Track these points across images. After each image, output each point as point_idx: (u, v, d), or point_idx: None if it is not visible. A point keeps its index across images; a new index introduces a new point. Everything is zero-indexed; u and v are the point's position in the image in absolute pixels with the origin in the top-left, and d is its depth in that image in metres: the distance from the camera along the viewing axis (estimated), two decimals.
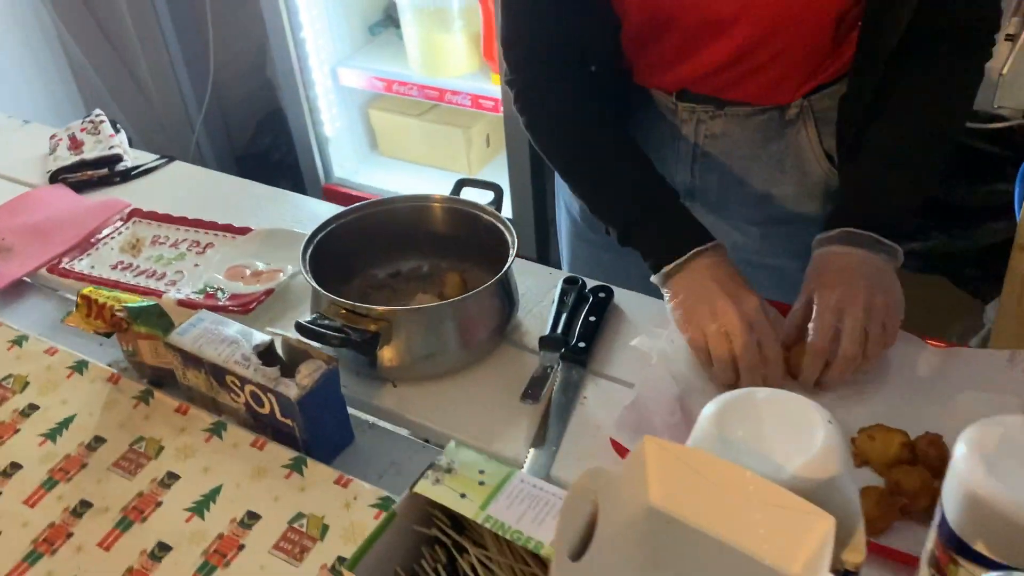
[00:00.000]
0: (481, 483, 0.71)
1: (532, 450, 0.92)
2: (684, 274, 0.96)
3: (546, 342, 1.04)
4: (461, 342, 1.00)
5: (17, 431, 0.94)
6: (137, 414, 0.95)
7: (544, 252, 2.35)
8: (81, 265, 1.20)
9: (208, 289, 1.14)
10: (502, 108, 2.20)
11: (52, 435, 0.93)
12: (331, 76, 2.41)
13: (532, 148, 2.10)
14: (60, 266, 1.19)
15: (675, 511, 0.60)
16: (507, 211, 2.26)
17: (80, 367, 1.01)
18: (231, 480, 0.87)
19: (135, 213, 1.30)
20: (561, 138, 1.07)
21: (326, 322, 0.96)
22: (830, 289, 0.90)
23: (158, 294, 1.12)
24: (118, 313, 0.94)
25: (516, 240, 1.05)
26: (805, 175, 1.10)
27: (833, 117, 1.05)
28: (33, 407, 0.96)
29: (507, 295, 1.05)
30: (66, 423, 0.95)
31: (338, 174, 2.54)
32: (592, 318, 1.07)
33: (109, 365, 1.04)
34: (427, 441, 0.97)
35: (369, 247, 1.14)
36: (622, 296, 1.12)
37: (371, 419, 0.99)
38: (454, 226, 1.15)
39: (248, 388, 0.91)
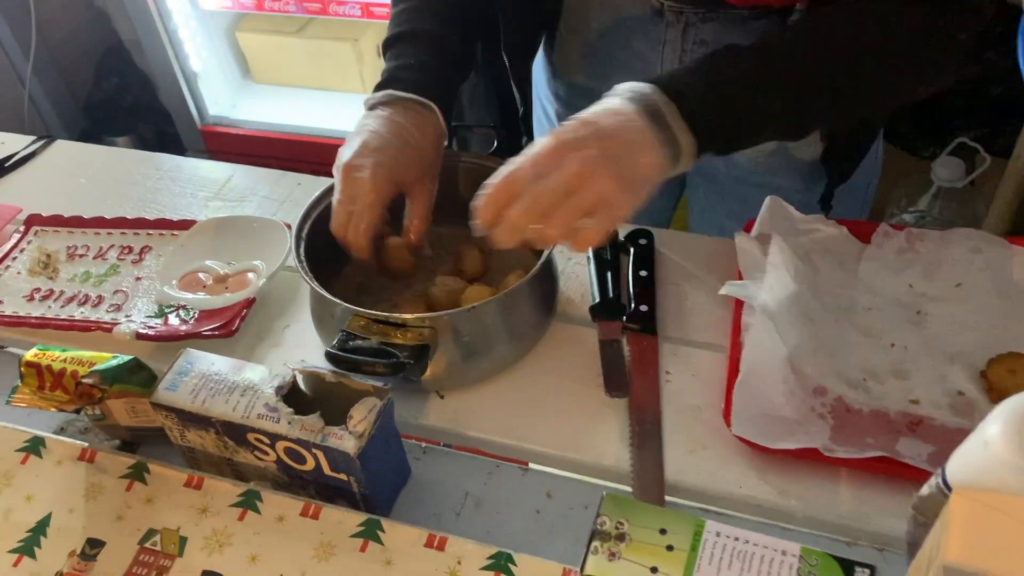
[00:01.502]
0: (669, 547, 0.56)
1: (632, 450, 0.77)
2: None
3: (601, 311, 0.89)
4: (512, 334, 0.83)
5: None
6: (134, 499, 0.74)
7: None
8: None
9: (166, 310, 0.91)
10: None
11: (28, 548, 0.72)
12: (188, 1, 2.07)
13: None
14: None
15: (977, 566, 0.47)
16: None
17: (35, 446, 0.78)
18: (293, 567, 0.69)
19: (33, 220, 1.03)
20: None
21: (359, 343, 0.77)
22: (555, 137, 0.69)
23: (104, 328, 0.88)
24: (86, 380, 0.71)
25: None
26: None
27: None
28: None
29: (550, 268, 0.88)
30: (41, 528, 0.73)
31: (214, 112, 2.23)
32: (643, 272, 0.92)
33: (61, 431, 0.82)
34: (500, 459, 0.81)
35: None
36: (662, 238, 0.97)
37: (422, 443, 0.82)
38: (454, 187, 0.95)
39: (282, 445, 0.72)
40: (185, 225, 1.00)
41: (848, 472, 0.74)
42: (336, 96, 2.23)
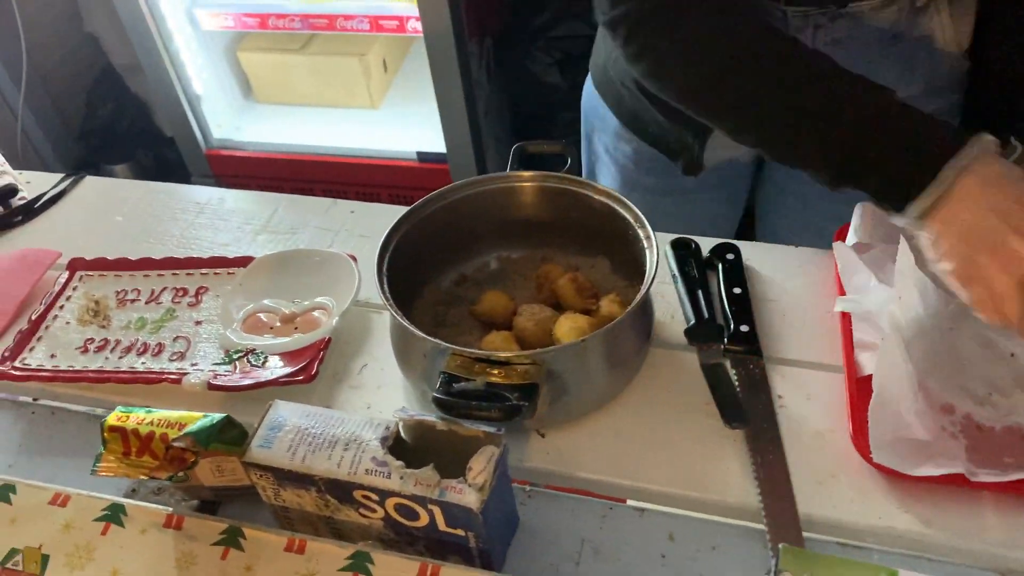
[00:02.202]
0: None
1: (759, 484, 0.72)
2: (949, 205, 0.68)
3: (699, 334, 0.84)
4: (615, 363, 0.78)
5: None
6: (232, 568, 0.68)
7: None
8: (35, 357, 0.87)
9: (234, 356, 0.85)
10: (408, 25, 1.89)
11: None
12: (189, 21, 2.00)
13: (463, 67, 1.84)
14: (7, 364, 0.86)
15: None
16: (438, 146, 1.98)
17: (115, 514, 0.72)
18: None
19: (76, 265, 0.97)
20: (717, 70, 0.76)
21: (463, 385, 0.71)
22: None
23: (171, 379, 0.82)
24: (177, 444, 0.65)
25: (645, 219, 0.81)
26: (935, 68, 0.92)
27: None
28: None
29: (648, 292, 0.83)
30: None
31: (218, 135, 2.16)
32: (736, 289, 0.87)
33: (133, 492, 0.76)
34: (611, 499, 0.75)
35: (430, 252, 0.88)
36: (748, 251, 0.92)
37: (526, 486, 0.77)
38: (526, 208, 0.90)
39: (393, 502, 0.66)
40: (242, 262, 0.94)
41: (992, 496, 0.70)
42: (344, 113, 2.17)
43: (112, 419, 0.67)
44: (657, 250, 0.77)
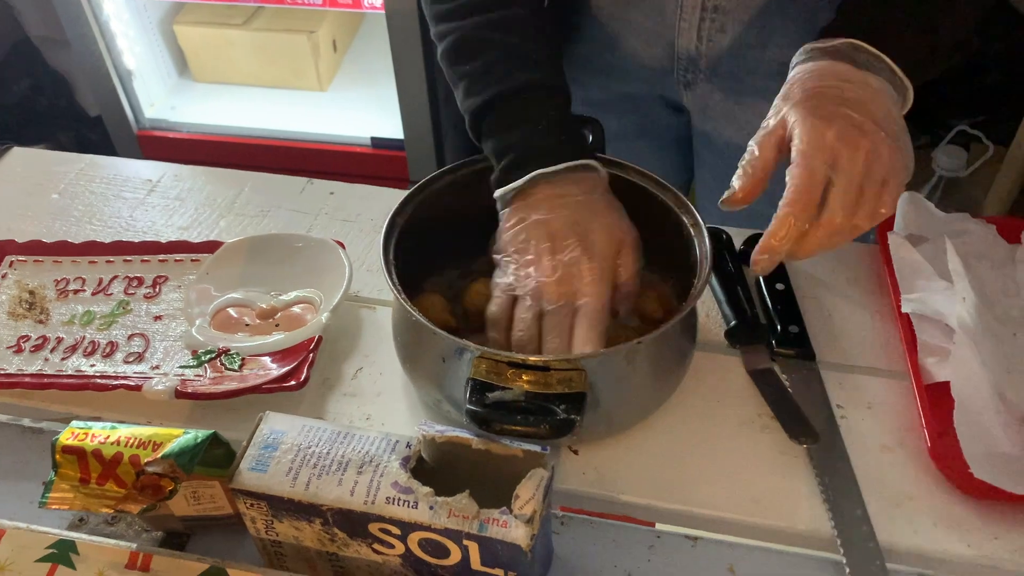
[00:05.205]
0: None
1: (830, 508, 0.63)
2: (532, 193, 0.69)
3: (742, 336, 0.75)
4: (660, 371, 0.67)
5: None
6: None
7: None
8: None
9: (205, 358, 0.72)
10: (365, 0, 1.75)
11: None
12: None
13: (426, 48, 1.71)
14: None
15: None
16: (394, 132, 1.85)
17: (63, 552, 0.58)
18: None
19: (6, 249, 0.82)
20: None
21: (498, 395, 0.60)
22: (824, 121, 0.60)
23: (130, 384, 0.68)
24: (152, 469, 0.52)
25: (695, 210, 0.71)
26: None
27: None
28: None
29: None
30: None
31: (150, 115, 1.98)
32: (779, 285, 0.78)
33: (80, 523, 0.63)
34: (662, 528, 0.65)
35: (435, 239, 0.76)
36: None
37: (559, 511, 0.66)
38: None
39: (418, 536, 0.55)
40: (208, 248, 0.80)
41: None
42: (289, 94, 2.02)
43: (66, 437, 0.54)
44: (708, 240, 0.68)
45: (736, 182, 0.62)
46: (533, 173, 0.69)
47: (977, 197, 1.91)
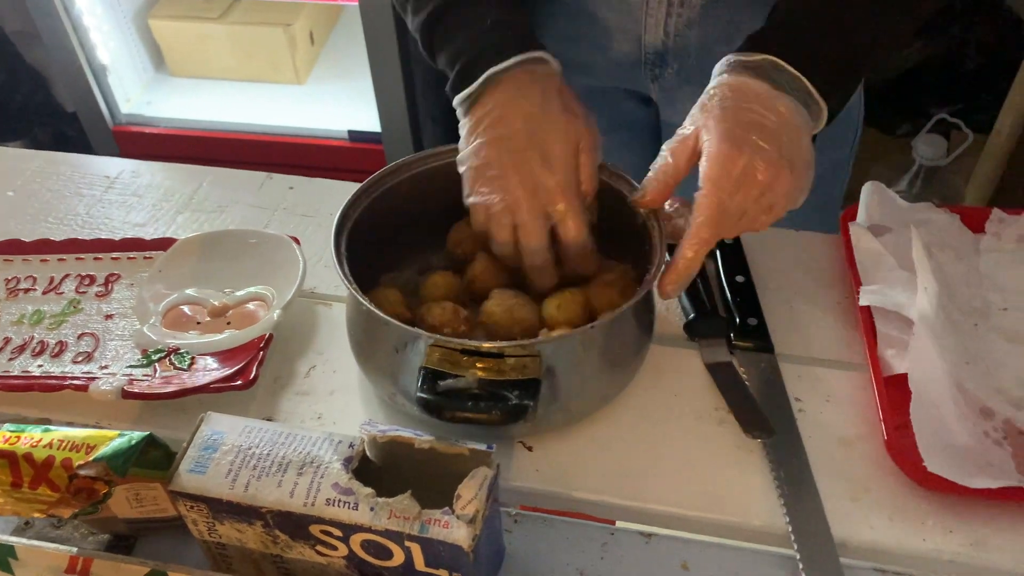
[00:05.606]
0: None
1: (785, 502, 0.62)
2: (486, 101, 0.68)
3: (701, 328, 0.74)
4: (614, 361, 0.67)
5: None
6: None
7: None
8: None
9: (154, 357, 0.70)
10: None
11: None
12: None
13: (401, 40, 1.70)
14: None
15: None
16: (371, 124, 1.84)
17: (2, 558, 0.57)
18: None
19: None
20: None
21: (450, 383, 0.59)
22: (736, 150, 0.61)
23: (77, 384, 0.67)
24: (85, 472, 0.51)
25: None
26: None
27: None
28: None
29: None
30: None
31: (126, 110, 1.96)
32: (739, 277, 0.77)
33: (26, 527, 0.62)
34: (612, 523, 0.64)
35: (391, 234, 0.75)
36: (748, 235, 0.82)
37: (511, 508, 0.65)
38: None
39: (359, 538, 0.54)
40: (161, 245, 0.79)
41: None
42: (266, 88, 2.00)
43: None
44: (659, 226, 0.67)
45: (648, 185, 0.65)
46: (485, 74, 0.68)
47: (958, 186, 1.90)
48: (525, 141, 0.66)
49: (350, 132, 1.87)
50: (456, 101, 0.70)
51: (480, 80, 0.68)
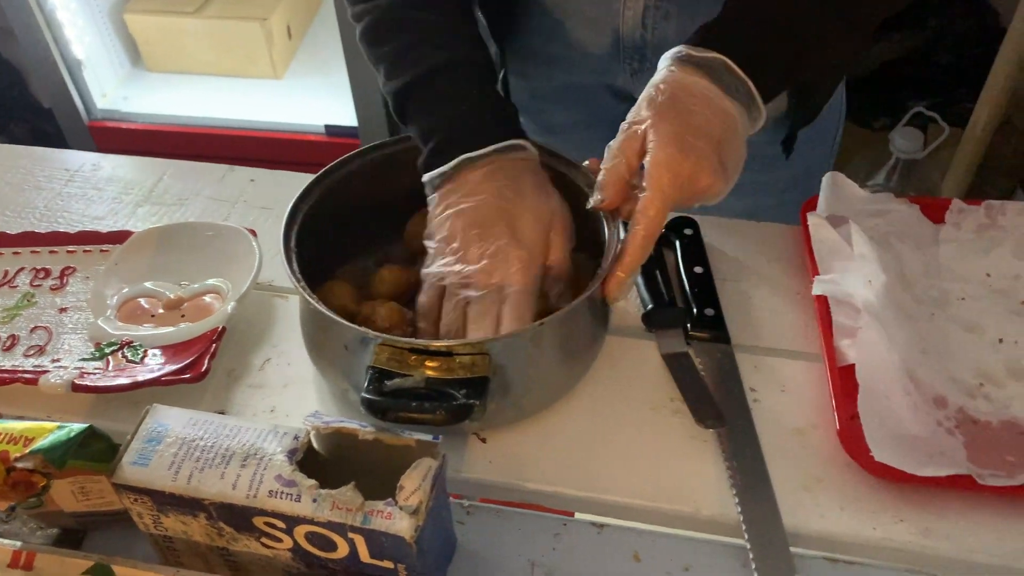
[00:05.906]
0: None
1: (737, 492, 0.62)
2: (458, 183, 0.68)
3: (658, 319, 0.73)
4: (566, 353, 0.66)
5: None
6: None
7: None
8: None
9: (107, 350, 0.70)
10: None
11: None
12: None
13: None
14: None
15: None
16: (348, 119, 1.83)
17: None
18: None
19: None
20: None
21: (397, 383, 0.59)
22: (682, 155, 0.61)
23: (26, 378, 0.67)
24: (22, 465, 0.51)
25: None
26: None
27: None
28: None
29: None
30: None
31: (102, 105, 1.95)
32: (697, 268, 0.77)
33: None
34: (566, 514, 0.64)
35: (347, 225, 0.74)
36: (707, 226, 0.82)
37: (465, 501, 0.65)
38: None
39: (303, 530, 0.53)
40: (117, 238, 0.79)
41: (998, 500, 0.62)
42: (243, 83, 1.99)
43: None
44: (610, 218, 0.66)
45: (605, 188, 0.65)
46: (459, 158, 0.67)
47: (935, 179, 1.90)
48: (494, 215, 0.65)
49: (327, 127, 1.86)
50: (426, 178, 0.69)
51: (453, 164, 0.67)
